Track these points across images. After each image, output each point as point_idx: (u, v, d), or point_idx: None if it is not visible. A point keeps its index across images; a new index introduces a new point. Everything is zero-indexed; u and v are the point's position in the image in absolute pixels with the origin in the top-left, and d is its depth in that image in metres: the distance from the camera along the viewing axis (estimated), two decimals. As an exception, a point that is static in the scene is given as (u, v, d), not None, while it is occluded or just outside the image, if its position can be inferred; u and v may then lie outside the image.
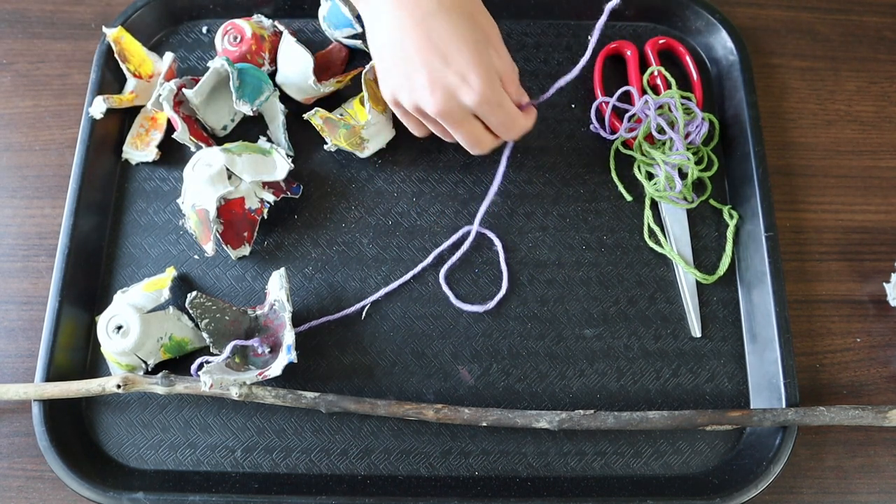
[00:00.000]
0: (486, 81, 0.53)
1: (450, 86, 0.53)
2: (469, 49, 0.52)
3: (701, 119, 0.64)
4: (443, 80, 0.53)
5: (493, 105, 0.54)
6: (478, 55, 0.53)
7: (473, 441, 0.57)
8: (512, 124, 0.56)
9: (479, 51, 0.53)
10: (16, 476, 0.57)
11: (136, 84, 0.65)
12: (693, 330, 0.60)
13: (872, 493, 0.57)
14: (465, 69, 0.52)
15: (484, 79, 0.53)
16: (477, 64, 0.53)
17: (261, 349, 0.58)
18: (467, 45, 0.52)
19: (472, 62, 0.53)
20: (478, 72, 0.53)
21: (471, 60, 0.52)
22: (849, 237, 0.64)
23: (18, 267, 0.62)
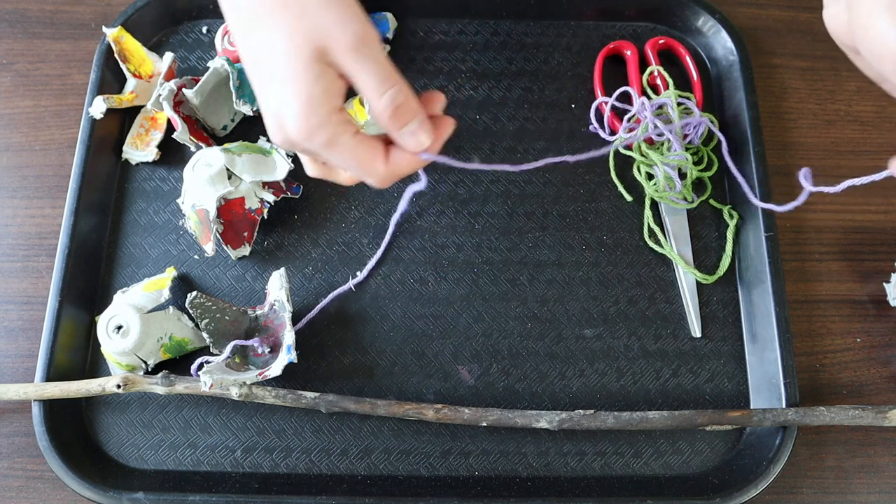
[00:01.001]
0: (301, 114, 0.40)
1: (274, 114, 0.42)
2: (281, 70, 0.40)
3: (699, 119, 0.64)
4: (266, 107, 0.42)
5: (320, 143, 0.41)
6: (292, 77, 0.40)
7: (473, 441, 0.57)
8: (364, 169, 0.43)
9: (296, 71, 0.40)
10: (16, 476, 0.57)
11: (136, 84, 0.65)
12: (693, 330, 0.60)
13: (872, 493, 0.57)
14: (280, 97, 0.41)
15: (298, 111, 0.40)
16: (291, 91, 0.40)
17: (261, 349, 0.58)
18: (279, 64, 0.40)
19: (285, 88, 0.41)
20: (291, 102, 0.41)
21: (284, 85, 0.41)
22: (849, 237, 0.64)
23: (18, 267, 0.62)
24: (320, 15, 0.40)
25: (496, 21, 0.70)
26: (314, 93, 0.40)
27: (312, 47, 0.40)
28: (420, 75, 0.68)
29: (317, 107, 0.41)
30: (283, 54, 0.40)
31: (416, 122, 0.43)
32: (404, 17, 0.70)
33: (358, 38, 0.40)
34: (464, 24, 0.70)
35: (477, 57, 0.69)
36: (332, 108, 0.41)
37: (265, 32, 0.41)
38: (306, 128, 0.41)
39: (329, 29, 0.40)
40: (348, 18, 0.40)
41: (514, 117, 0.67)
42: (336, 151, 0.42)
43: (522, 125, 0.66)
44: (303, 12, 0.40)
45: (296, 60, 0.40)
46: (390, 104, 0.41)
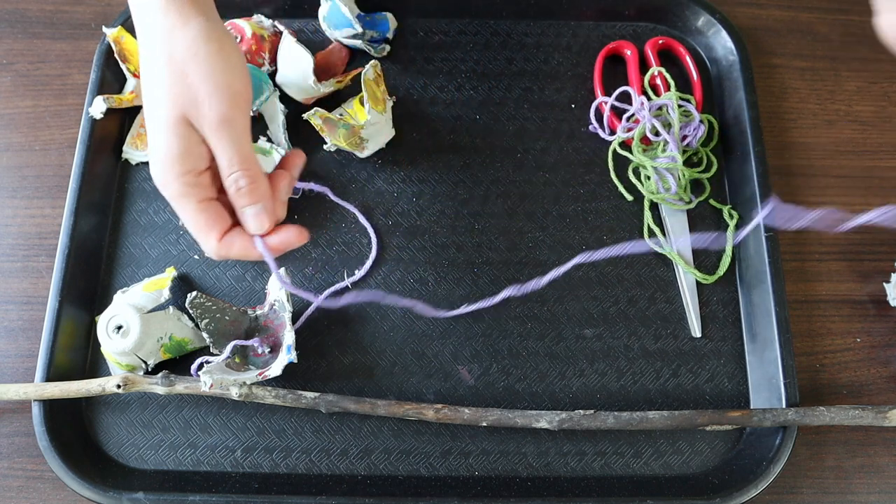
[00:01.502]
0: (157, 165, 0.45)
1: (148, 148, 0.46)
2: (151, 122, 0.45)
3: (699, 121, 0.64)
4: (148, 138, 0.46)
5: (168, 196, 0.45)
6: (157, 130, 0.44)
7: (473, 441, 0.57)
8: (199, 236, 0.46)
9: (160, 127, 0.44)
10: (16, 476, 0.57)
11: (136, 84, 0.65)
12: (693, 330, 0.60)
13: (872, 493, 0.57)
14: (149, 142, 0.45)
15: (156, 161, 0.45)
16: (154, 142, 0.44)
17: (261, 349, 0.58)
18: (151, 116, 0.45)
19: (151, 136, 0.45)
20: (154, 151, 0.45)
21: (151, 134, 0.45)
22: (849, 237, 0.64)
23: (18, 267, 0.62)
24: (198, 84, 0.43)
25: (496, 21, 0.70)
26: (174, 150, 0.44)
27: (181, 111, 0.43)
28: (420, 75, 0.68)
29: (172, 164, 0.44)
30: (157, 107, 0.44)
31: (259, 206, 0.46)
32: (404, 17, 0.70)
33: (222, 117, 0.44)
34: (464, 24, 0.70)
35: (477, 57, 0.69)
36: (188, 168, 0.44)
37: (154, 80, 0.44)
38: (161, 179, 0.45)
39: (200, 100, 0.43)
40: (222, 96, 0.44)
41: (514, 117, 0.67)
42: (179, 209, 0.46)
43: (522, 125, 0.66)
44: (182, 76, 0.43)
45: (165, 116, 0.44)
46: (234, 184, 0.45)
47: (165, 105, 0.43)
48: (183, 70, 0.43)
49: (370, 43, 0.67)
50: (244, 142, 0.45)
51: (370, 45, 0.67)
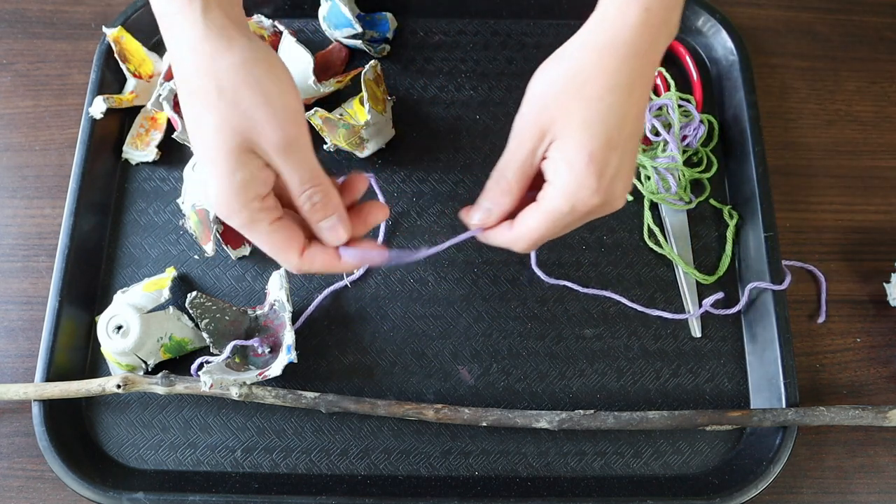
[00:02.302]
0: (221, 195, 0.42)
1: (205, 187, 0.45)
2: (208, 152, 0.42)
3: (699, 121, 0.64)
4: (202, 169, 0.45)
5: (237, 224, 0.44)
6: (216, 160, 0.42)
7: (473, 441, 0.57)
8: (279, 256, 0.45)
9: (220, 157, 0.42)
10: (16, 476, 0.57)
11: (136, 84, 0.65)
12: (693, 330, 0.60)
13: (872, 493, 0.57)
14: (206, 174, 0.43)
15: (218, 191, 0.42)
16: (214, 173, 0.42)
17: (261, 349, 0.58)
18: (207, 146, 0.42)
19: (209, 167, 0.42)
20: (213, 182, 0.42)
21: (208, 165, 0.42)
22: (849, 237, 0.64)
23: (18, 267, 0.62)
24: (254, 110, 0.41)
25: (496, 21, 0.70)
26: (235, 180, 0.42)
27: (240, 139, 0.41)
28: (420, 75, 0.68)
29: (237, 193, 0.42)
30: (214, 138, 0.41)
31: (334, 218, 0.45)
32: (404, 17, 0.70)
33: (287, 139, 0.42)
34: (464, 24, 0.70)
35: (477, 57, 0.69)
36: (254, 195, 0.43)
37: (200, 111, 0.42)
38: (226, 209, 0.43)
39: (261, 126, 0.41)
40: (283, 119, 0.42)
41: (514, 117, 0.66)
42: (252, 236, 0.44)
43: (522, 125, 0.66)
44: (236, 104, 0.41)
45: (224, 148, 0.41)
46: (307, 201, 0.44)
47: (222, 136, 0.41)
48: (235, 98, 0.41)
49: (370, 43, 0.67)
50: (311, 158, 0.43)
51: (370, 45, 0.67)
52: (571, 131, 0.43)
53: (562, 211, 0.44)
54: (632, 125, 0.44)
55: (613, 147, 0.43)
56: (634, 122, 0.44)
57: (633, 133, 0.44)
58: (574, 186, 0.43)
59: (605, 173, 0.43)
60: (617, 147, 0.43)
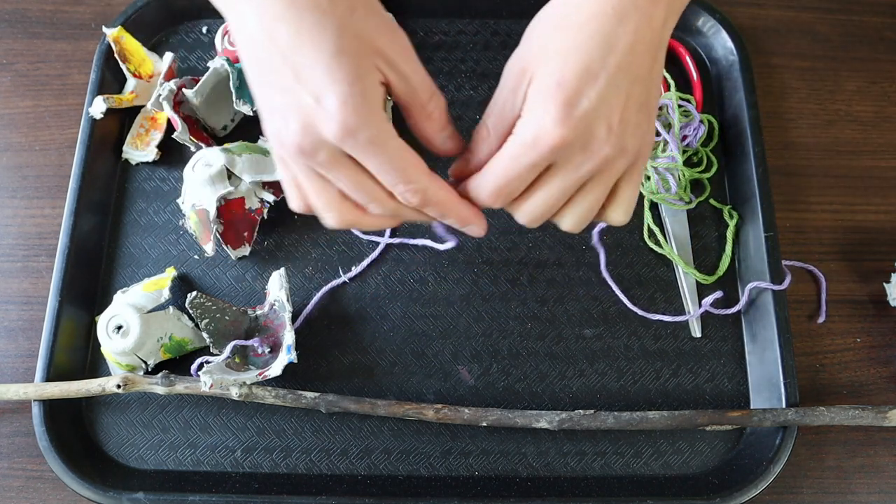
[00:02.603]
0: (348, 103, 0.37)
1: (304, 109, 0.38)
2: (326, 58, 0.37)
3: (699, 122, 0.64)
4: (295, 103, 0.39)
5: (363, 141, 0.38)
6: (339, 66, 0.37)
7: (473, 441, 0.57)
8: (406, 176, 0.40)
9: (344, 61, 0.38)
10: (16, 476, 0.57)
11: (136, 84, 0.65)
12: (693, 330, 0.60)
13: (872, 493, 0.57)
14: (320, 86, 0.38)
15: (344, 99, 0.37)
16: (337, 79, 0.37)
17: (261, 349, 0.58)
18: (324, 53, 0.38)
19: (328, 76, 0.37)
20: (335, 89, 0.37)
21: (327, 74, 0.37)
22: (849, 237, 0.64)
23: (18, 267, 0.62)
24: (370, 19, 0.39)
25: (496, 21, 0.70)
26: (365, 86, 0.38)
27: (367, 43, 0.38)
28: (420, 75, 0.68)
29: (369, 99, 0.38)
30: (334, 43, 0.38)
31: (451, 129, 0.44)
32: (404, 17, 0.69)
33: (408, 46, 0.41)
34: (464, 24, 0.70)
35: (477, 57, 0.69)
36: (383, 104, 0.40)
37: (304, 23, 0.38)
38: (356, 119, 0.38)
39: (381, 34, 0.39)
40: (395, 29, 0.40)
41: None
42: (380, 149, 0.39)
43: (522, 125, 0.66)
44: (352, 11, 0.38)
45: (347, 51, 0.38)
46: (437, 108, 0.43)
47: (346, 41, 0.38)
48: (350, 7, 0.38)
49: (370, 43, 0.67)
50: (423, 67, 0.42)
51: (370, 45, 0.67)
52: (546, 60, 0.39)
53: (524, 142, 0.40)
54: (622, 56, 0.39)
55: (592, 76, 0.38)
56: (626, 54, 0.39)
57: (623, 65, 0.39)
58: (538, 114, 0.39)
59: (577, 103, 0.38)
60: (597, 77, 0.39)
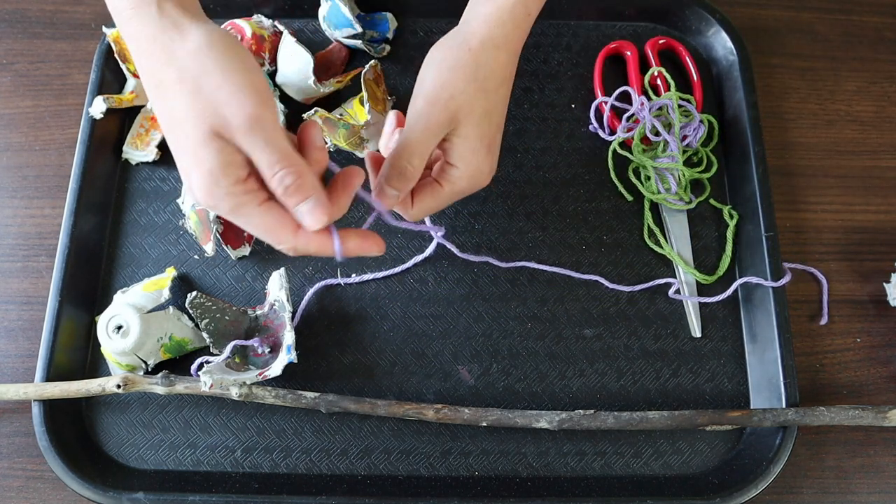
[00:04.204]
0: (202, 186, 0.41)
1: (185, 179, 0.43)
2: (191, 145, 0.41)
3: (699, 122, 0.64)
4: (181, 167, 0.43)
5: (224, 211, 0.43)
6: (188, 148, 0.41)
7: (473, 441, 0.57)
8: (274, 237, 0.44)
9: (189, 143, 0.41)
10: (16, 476, 0.57)
11: (136, 84, 0.65)
12: (693, 330, 0.60)
13: (872, 493, 0.57)
14: (185, 165, 0.42)
15: (200, 183, 0.41)
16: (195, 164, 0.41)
17: (261, 349, 0.58)
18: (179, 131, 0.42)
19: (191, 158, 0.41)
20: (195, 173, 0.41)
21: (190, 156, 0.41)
22: (849, 237, 0.64)
23: (18, 267, 0.62)
24: (215, 93, 0.41)
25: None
26: (213, 167, 0.41)
27: (208, 125, 0.41)
28: (420, 75, 0.68)
29: (217, 179, 0.41)
30: (184, 128, 0.41)
31: (312, 201, 0.43)
32: (404, 17, 0.70)
33: (251, 118, 0.41)
34: (464, 24, 0.70)
35: (477, 57, 0.69)
36: (235, 179, 0.41)
37: (170, 102, 0.42)
38: (210, 198, 0.42)
39: (223, 108, 0.41)
40: (244, 97, 0.41)
41: (514, 117, 0.67)
42: (241, 219, 0.43)
43: (522, 125, 0.66)
44: (198, 90, 0.41)
45: (194, 136, 0.41)
46: (280, 185, 0.42)
47: (190, 124, 0.41)
48: (196, 85, 0.41)
49: (370, 43, 0.67)
50: (279, 137, 0.42)
51: (370, 45, 0.67)
52: (476, 120, 0.49)
53: (464, 191, 0.51)
54: (505, 111, 0.52)
55: (498, 131, 0.51)
56: (506, 108, 0.52)
57: (504, 116, 0.52)
58: (475, 170, 0.50)
59: (494, 154, 0.51)
60: (500, 130, 0.51)
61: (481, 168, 0.50)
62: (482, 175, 0.50)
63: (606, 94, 0.66)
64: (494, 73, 0.49)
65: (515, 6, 0.50)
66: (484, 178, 0.51)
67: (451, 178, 0.50)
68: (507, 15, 0.50)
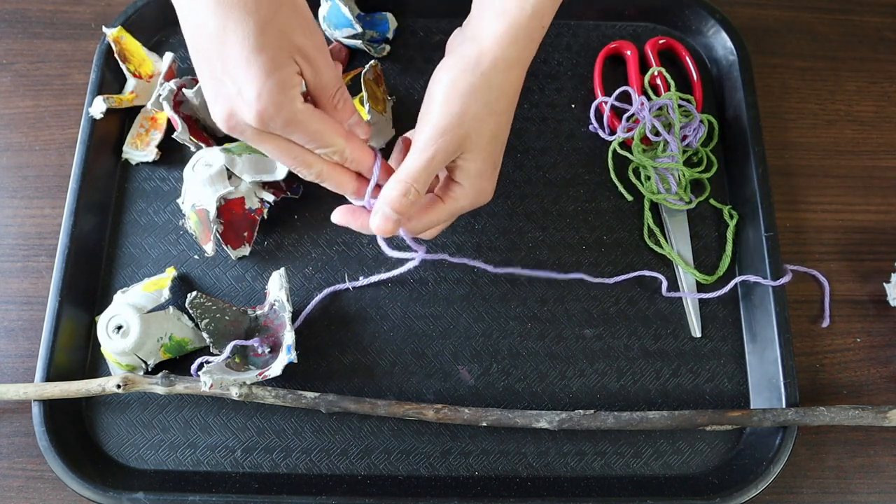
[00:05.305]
0: (262, 96, 0.43)
1: (229, 97, 0.44)
2: (247, 53, 0.43)
3: (699, 122, 0.64)
4: (223, 91, 0.44)
5: (278, 125, 0.45)
6: (257, 61, 0.43)
7: (473, 441, 0.57)
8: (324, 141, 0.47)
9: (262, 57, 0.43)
10: (16, 476, 0.57)
11: (136, 84, 0.65)
12: (693, 330, 0.60)
13: (872, 493, 0.57)
14: (241, 79, 0.43)
15: (259, 92, 0.43)
16: (254, 73, 0.43)
17: (261, 349, 0.58)
18: (245, 48, 0.43)
19: (248, 70, 0.43)
20: (253, 83, 0.43)
21: (247, 68, 0.43)
22: (849, 237, 0.64)
23: (18, 267, 0.62)
24: (290, 17, 0.44)
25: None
26: (280, 76, 0.44)
27: (285, 40, 0.44)
28: (420, 75, 0.68)
29: (283, 88, 0.44)
30: (253, 40, 0.43)
31: (357, 117, 0.50)
32: (404, 17, 0.70)
33: (322, 41, 0.46)
34: (464, 24, 0.70)
35: (477, 57, 0.69)
36: (298, 90, 0.45)
37: (230, 20, 0.43)
38: (272, 107, 0.44)
39: (299, 31, 0.45)
40: (313, 27, 0.46)
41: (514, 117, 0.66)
42: (298, 126, 0.45)
43: (522, 125, 0.66)
44: (277, 9, 0.43)
45: (266, 46, 0.43)
46: (341, 98, 0.48)
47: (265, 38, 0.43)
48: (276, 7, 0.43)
49: (370, 43, 0.67)
50: None
51: (370, 45, 0.67)
52: (484, 144, 0.49)
53: (464, 208, 0.51)
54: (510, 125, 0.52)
55: (504, 148, 0.52)
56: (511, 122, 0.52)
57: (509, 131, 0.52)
58: (479, 189, 0.51)
59: (497, 172, 0.52)
60: (504, 148, 0.52)
61: (485, 187, 0.51)
62: (485, 194, 0.51)
63: (606, 94, 0.66)
64: (506, 94, 0.49)
65: (531, 21, 0.49)
66: (486, 196, 0.52)
67: (455, 196, 0.51)
68: (521, 31, 0.49)
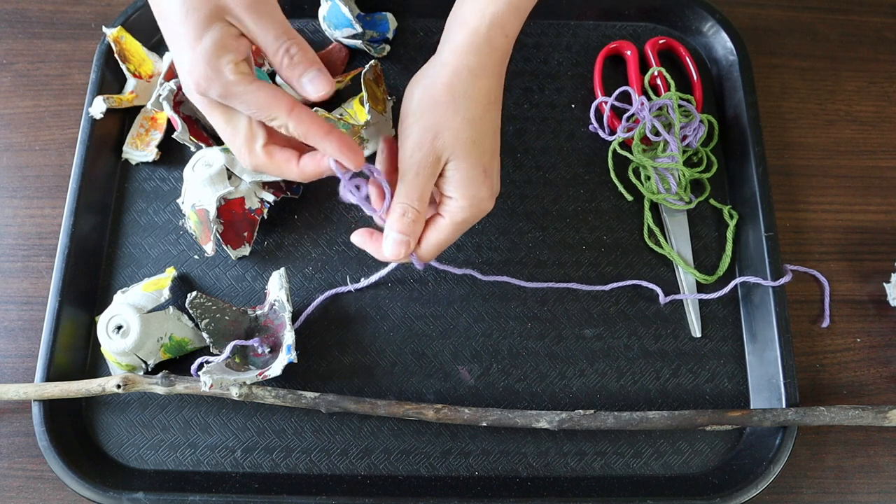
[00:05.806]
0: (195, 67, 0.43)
1: (177, 65, 0.45)
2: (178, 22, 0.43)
3: (699, 122, 0.64)
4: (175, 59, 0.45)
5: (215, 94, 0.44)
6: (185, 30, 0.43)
7: (473, 441, 0.57)
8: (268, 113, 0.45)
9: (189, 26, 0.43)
10: (16, 476, 0.57)
11: (136, 84, 0.65)
12: (693, 330, 0.60)
13: (872, 493, 0.57)
14: (178, 49, 0.44)
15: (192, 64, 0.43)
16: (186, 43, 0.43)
17: (261, 349, 0.58)
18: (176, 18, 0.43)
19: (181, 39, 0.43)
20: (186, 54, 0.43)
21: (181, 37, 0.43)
22: (849, 237, 0.64)
23: (18, 267, 0.62)
24: None
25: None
26: (206, 45, 0.43)
27: (210, 6, 0.43)
28: (420, 75, 0.68)
29: (209, 58, 0.43)
30: (180, 9, 0.43)
31: (314, 71, 0.46)
32: (404, 17, 0.70)
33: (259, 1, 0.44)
34: (464, 24, 0.70)
35: (477, 57, 0.69)
36: (228, 59, 0.43)
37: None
38: (203, 79, 0.43)
39: None
40: None
41: (514, 117, 0.67)
42: (235, 100, 0.44)
43: (522, 125, 0.66)
44: None
45: (191, 15, 0.43)
46: (285, 55, 0.45)
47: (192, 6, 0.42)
48: None
49: (370, 43, 0.67)
50: (280, 15, 0.45)
51: (370, 45, 0.67)
52: (464, 152, 0.49)
53: (468, 221, 0.51)
54: (498, 132, 0.52)
55: (493, 155, 0.51)
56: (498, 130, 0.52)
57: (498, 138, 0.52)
58: (476, 199, 0.50)
59: (493, 178, 0.51)
60: (495, 154, 0.51)
61: (479, 195, 0.50)
62: (482, 202, 0.51)
63: (606, 94, 0.66)
64: (476, 102, 0.49)
65: (490, 30, 0.49)
66: (485, 204, 0.51)
67: (451, 209, 0.50)
68: (481, 40, 0.49)
